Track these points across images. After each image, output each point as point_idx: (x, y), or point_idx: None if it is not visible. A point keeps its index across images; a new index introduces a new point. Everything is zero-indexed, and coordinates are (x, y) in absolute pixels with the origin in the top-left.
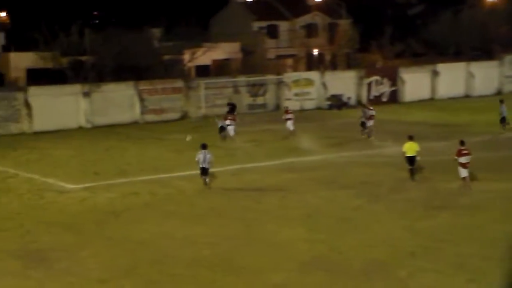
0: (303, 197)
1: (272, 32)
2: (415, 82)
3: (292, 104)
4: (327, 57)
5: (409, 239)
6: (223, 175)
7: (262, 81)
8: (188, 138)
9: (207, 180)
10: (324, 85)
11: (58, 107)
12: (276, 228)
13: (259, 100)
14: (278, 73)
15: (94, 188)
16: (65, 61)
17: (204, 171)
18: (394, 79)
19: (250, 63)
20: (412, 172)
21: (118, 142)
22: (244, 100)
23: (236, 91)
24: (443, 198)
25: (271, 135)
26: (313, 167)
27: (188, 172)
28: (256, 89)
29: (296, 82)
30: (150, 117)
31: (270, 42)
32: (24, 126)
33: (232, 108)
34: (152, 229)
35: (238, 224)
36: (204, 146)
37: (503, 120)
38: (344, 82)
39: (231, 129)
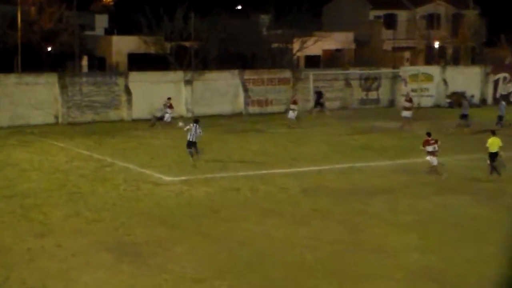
0: (415, 201)
1: (389, 22)
2: None
3: None
4: (449, 51)
5: None
6: (330, 174)
7: (376, 74)
8: (181, 124)
9: (194, 152)
10: (444, 81)
11: (159, 94)
12: (384, 234)
13: (372, 95)
14: (394, 67)
15: (192, 181)
16: (168, 46)
17: (191, 144)
18: None
19: (363, 54)
20: (493, 168)
21: (219, 134)
22: (356, 94)
23: (348, 84)
24: None
25: (383, 133)
26: (428, 170)
27: (292, 169)
28: (369, 83)
29: (414, 77)
30: (254, 109)
31: (386, 33)
32: (123, 113)
33: (319, 96)
34: (251, 228)
35: (344, 227)
36: (196, 121)
37: (464, 116)
38: (467, 79)
39: (290, 115)
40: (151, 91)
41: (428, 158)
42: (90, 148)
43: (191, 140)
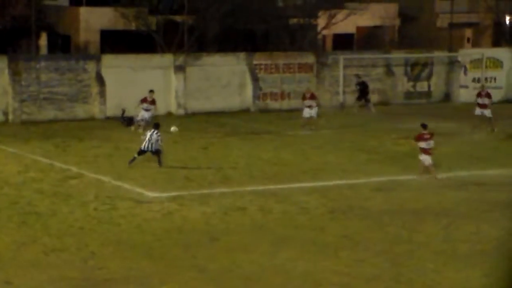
0: (478, 226)
1: None
2: None
3: (469, 94)
4: None
5: None
6: (365, 190)
7: (427, 59)
8: (173, 129)
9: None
10: None
11: (141, 84)
12: (437, 269)
13: (421, 86)
14: (451, 49)
15: (184, 198)
16: (153, 21)
17: (143, 153)
18: None
19: (410, 33)
20: None
21: (220, 136)
22: (400, 85)
23: (389, 72)
24: None
25: (436, 137)
26: (495, 184)
27: (315, 183)
28: (417, 70)
29: (477, 62)
30: (266, 104)
31: (441, 5)
32: (94, 109)
33: (363, 88)
34: (261, 261)
35: (383, 260)
36: (156, 126)
37: None
38: None
39: (312, 113)
40: (131, 80)
41: (421, 157)
42: (51, 154)
43: (145, 149)
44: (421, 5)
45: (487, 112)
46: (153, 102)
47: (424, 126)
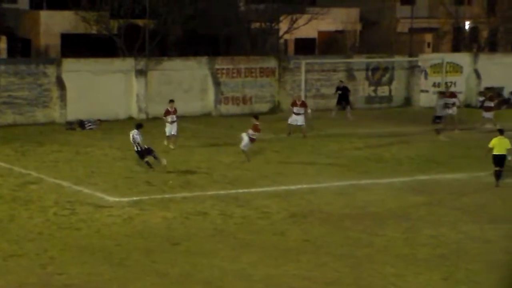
0: (437, 230)
1: None
2: None
3: (428, 98)
4: (484, 34)
5: None
6: (326, 194)
7: (388, 64)
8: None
9: (149, 162)
10: (476, 72)
11: (102, 88)
12: (397, 273)
13: (382, 91)
14: (411, 54)
15: (145, 203)
16: (115, 25)
17: (143, 153)
18: None
19: (372, 38)
20: (498, 175)
21: (181, 141)
22: (361, 89)
23: (350, 76)
24: None
25: (397, 141)
26: (455, 189)
27: (276, 188)
28: (378, 75)
29: (437, 67)
30: (227, 108)
31: (402, 10)
32: (55, 113)
33: (343, 93)
34: (222, 265)
35: (344, 264)
36: (137, 126)
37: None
38: (507, 70)
39: (300, 121)
40: (92, 85)
41: (249, 145)
42: (9, 159)
43: (137, 150)
44: (382, 10)
45: (451, 111)
46: (176, 111)
47: (256, 117)
